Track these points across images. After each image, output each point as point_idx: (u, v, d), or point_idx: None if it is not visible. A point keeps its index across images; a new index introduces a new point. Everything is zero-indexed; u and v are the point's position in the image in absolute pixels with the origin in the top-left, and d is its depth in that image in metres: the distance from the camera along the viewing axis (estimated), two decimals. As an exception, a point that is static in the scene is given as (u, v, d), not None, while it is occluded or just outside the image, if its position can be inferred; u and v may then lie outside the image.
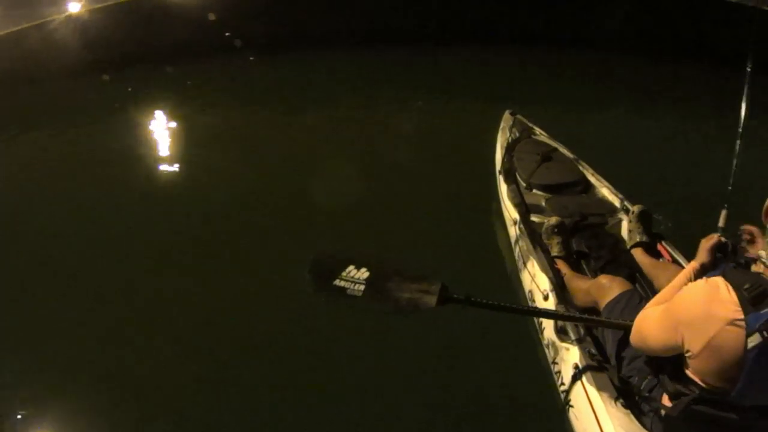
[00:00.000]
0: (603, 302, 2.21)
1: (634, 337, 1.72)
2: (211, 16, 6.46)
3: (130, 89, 5.90)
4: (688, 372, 1.52)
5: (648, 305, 1.73)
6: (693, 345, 1.44)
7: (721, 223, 2.12)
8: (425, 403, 2.51)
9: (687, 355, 1.48)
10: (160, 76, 6.14)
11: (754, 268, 1.56)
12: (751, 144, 2.35)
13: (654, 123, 5.37)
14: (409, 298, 2.00)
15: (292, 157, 4.70)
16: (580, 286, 2.39)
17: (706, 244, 1.81)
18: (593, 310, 2.30)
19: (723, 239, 1.83)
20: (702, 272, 1.75)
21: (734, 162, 2.22)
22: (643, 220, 2.71)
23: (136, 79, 5.99)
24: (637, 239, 2.68)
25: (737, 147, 2.24)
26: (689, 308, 1.46)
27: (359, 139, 5.08)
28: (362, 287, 1.99)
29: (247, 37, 6.54)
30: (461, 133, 5.03)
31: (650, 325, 1.62)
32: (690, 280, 1.71)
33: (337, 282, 2.02)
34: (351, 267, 2.05)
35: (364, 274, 2.03)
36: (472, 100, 5.76)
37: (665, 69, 6.23)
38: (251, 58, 6.55)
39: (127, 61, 6.00)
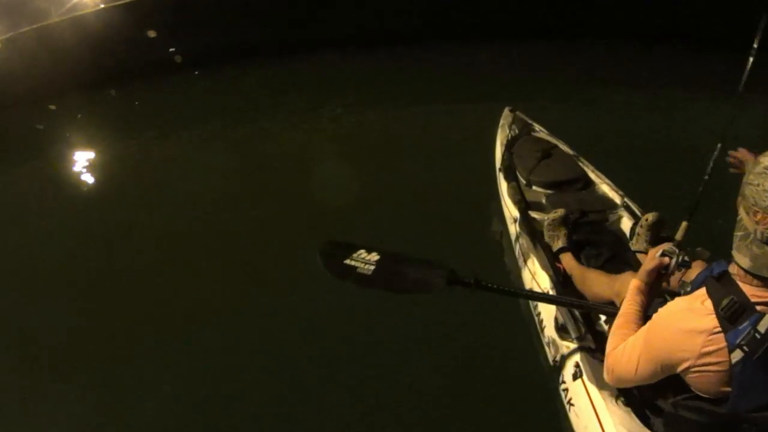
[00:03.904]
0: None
1: (613, 380, 1.66)
2: (151, 34, 6.37)
3: (79, 116, 5.87)
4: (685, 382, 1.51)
5: (612, 338, 1.67)
6: (682, 364, 1.43)
7: (678, 235, 2.02)
8: (425, 401, 2.50)
9: (679, 373, 1.47)
10: (107, 100, 6.12)
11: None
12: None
13: (659, 117, 5.34)
14: (419, 279, 2.07)
15: (270, 166, 4.68)
16: (600, 278, 2.32)
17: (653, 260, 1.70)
18: (606, 303, 2.22)
19: (670, 253, 1.67)
20: (648, 291, 1.70)
21: (710, 167, 2.04)
22: (655, 230, 2.62)
23: (82, 106, 5.93)
24: (643, 247, 2.61)
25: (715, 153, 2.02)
26: (668, 336, 1.45)
27: (343, 144, 5.05)
28: (372, 267, 2.04)
29: (188, 53, 6.51)
30: (460, 131, 5.01)
31: (629, 365, 1.55)
32: (641, 298, 1.68)
33: (347, 261, 2.07)
34: (362, 251, 2.11)
35: (374, 257, 2.09)
36: (471, 97, 5.75)
37: (670, 61, 6.20)
38: (196, 73, 6.58)
39: (72, 89, 5.84)
